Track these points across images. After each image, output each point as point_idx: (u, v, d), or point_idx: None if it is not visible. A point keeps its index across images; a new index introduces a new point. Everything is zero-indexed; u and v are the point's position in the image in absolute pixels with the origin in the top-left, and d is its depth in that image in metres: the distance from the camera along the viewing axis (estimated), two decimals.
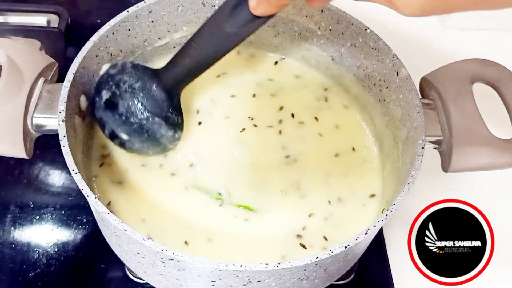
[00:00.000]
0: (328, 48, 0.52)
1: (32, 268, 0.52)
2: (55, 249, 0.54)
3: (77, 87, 0.44)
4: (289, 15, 0.52)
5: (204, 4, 0.51)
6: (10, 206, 0.56)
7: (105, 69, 0.46)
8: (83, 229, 0.55)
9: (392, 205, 0.38)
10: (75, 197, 0.56)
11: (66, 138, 0.39)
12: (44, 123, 0.43)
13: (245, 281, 0.37)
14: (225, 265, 0.34)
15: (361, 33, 0.48)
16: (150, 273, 0.42)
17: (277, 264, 0.35)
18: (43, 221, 0.55)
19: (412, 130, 0.44)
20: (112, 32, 0.47)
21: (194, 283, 0.39)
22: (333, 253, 0.36)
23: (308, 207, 0.46)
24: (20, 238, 0.54)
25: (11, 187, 0.57)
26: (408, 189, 0.39)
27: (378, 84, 0.49)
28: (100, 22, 0.46)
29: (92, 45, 0.45)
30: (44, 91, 0.44)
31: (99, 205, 0.37)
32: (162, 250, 0.35)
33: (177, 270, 0.38)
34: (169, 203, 0.45)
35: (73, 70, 0.43)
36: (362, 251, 0.46)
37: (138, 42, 0.50)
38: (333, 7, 0.49)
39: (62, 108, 0.41)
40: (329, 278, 0.44)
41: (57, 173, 0.58)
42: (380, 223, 0.38)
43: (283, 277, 0.38)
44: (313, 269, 0.38)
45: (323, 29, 0.51)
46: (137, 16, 0.48)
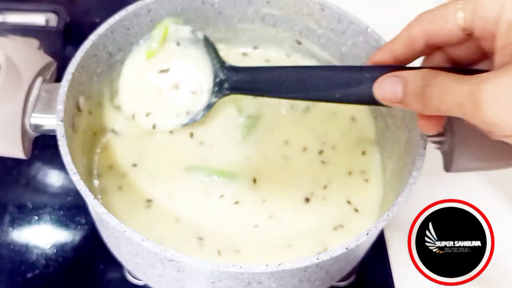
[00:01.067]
0: (329, 47, 0.52)
1: (30, 269, 0.52)
2: (54, 250, 0.53)
3: (75, 87, 0.44)
4: (290, 14, 0.51)
5: (203, 3, 0.51)
6: (8, 207, 0.56)
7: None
8: (82, 229, 0.55)
9: (393, 206, 0.38)
10: (74, 197, 0.56)
11: (64, 138, 0.39)
12: (42, 123, 0.43)
13: (245, 283, 0.37)
14: (225, 267, 0.34)
15: (362, 32, 0.48)
16: (149, 274, 0.42)
17: (278, 265, 0.35)
18: (41, 221, 0.55)
19: (414, 130, 0.43)
20: (111, 31, 0.47)
21: (193, 285, 0.39)
22: (334, 254, 0.35)
23: None
24: (19, 238, 0.54)
25: (9, 187, 0.57)
26: (410, 190, 0.39)
27: None
28: (99, 21, 0.46)
29: (91, 44, 0.45)
30: (42, 90, 0.44)
31: (97, 206, 0.36)
32: (161, 251, 0.34)
33: (176, 271, 0.38)
34: (172, 206, 0.45)
35: (71, 69, 0.43)
36: (363, 252, 0.45)
37: (137, 41, 0.50)
38: (333, 6, 0.49)
39: (60, 107, 0.41)
40: (330, 280, 0.44)
41: (56, 173, 0.58)
42: (381, 224, 0.37)
43: (284, 279, 0.37)
44: (314, 270, 0.38)
45: (324, 28, 0.51)
46: (136, 15, 0.48)
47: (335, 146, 0.50)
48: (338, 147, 0.50)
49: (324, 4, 0.49)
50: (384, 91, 0.35)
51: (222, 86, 0.45)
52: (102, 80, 0.48)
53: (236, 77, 0.44)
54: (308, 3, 0.50)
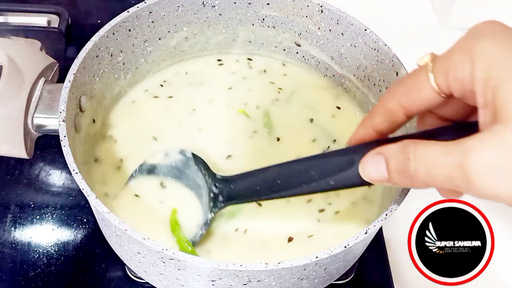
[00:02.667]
0: (327, 48, 0.52)
1: (32, 268, 0.52)
2: (56, 249, 0.54)
3: (77, 87, 0.44)
4: (289, 16, 0.52)
5: (204, 5, 0.51)
6: (11, 206, 0.56)
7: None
8: (84, 228, 0.55)
9: (392, 205, 0.38)
10: (76, 197, 0.57)
11: (66, 138, 0.39)
12: (44, 123, 0.43)
13: (245, 281, 0.37)
14: (225, 265, 0.35)
15: (361, 33, 0.48)
16: (150, 272, 0.42)
17: (277, 263, 0.35)
18: (43, 221, 0.55)
19: (413, 129, 0.44)
20: (112, 32, 0.47)
21: (194, 283, 0.40)
22: (332, 253, 0.36)
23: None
24: (21, 238, 0.54)
25: (11, 187, 0.57)
26: (409, 189, 0.39)
27: (378, 84, 0.49)
28: (101, 22, 0.46)
29: (93, 45, 0.45)
30: (44, 91, 0.44)
31: (99, 205, 0.37)
32: (162, 249, 0.35)
33: (177, 270, 0.38)
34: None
35: (73, 70, 0.43)
36: (361, 250, 0.46)
37: (138, 42, 0.50)
38: (332, 8, 0.49)
39: (62, 108, 0.41)
40: (329, 278, 0.44)
41: (58, 173, 0.59)
42: (379, 222, 0.38)
43: (283, 277, 0.38)
44: (313, 268, 0.38)
45: (323, 29, 0.51)
46: (137, 17, 0.48)
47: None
48: (339, 147, 0.50)
49: (323, 5, 0.49)
50: (369, 173, 0.33)
51: (216, 200, 0.43)
52: (104, 81, 0.49)
53: (229, 187, 0.42)
54: (307, 5, 0.50)
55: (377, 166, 0.32)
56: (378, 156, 0.32)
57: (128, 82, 0.52)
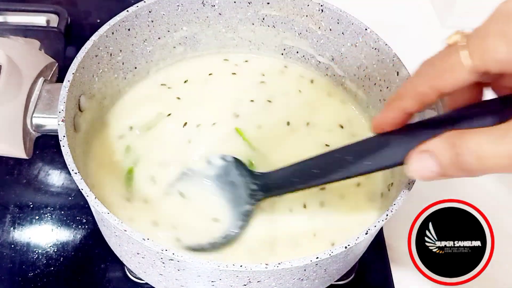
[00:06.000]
0: (328, 48, 0.52)
1: (31, 269, 0.52)
2: (55, 249, 0.53)
3: (77, 87, 0.44)
4: (289, 15, 0.52)
5: (204, 4, 0.51)
6: (10, 206, 0.56)
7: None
8: (83, 229, 0.55)
9: (392, 205, 0.38)
10: (75, 197, 0.56)
11: (66, 138, 0.39)
12: (43, 123, 0.43)
13: (245, 281, 0.37)
14: (225, 266, 0.34)
15: (361, 33, 0.48)
16: (150, 273, 0.42)
17: (277, 264, 0.35)
18: (42, 221, 0.55)
19: None
20: (111, 32, 0.47)
21: (194, 283, 0.39)
22: (333, 253, 0.35)
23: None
24: (20, 238, 0.54)
25: (10, 187, 0.57)
26: (409, 189, 0.39)
27: (378, 84, 0.49)
28: (100, 21, 0.47)
29: (92, 44, 0.45)
30: (43, 91, 0.44)
31: (99, 205, 0.37)
32: (162, 250, 0.35)
33: (177, 270, 0.38)
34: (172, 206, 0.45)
35: (73, 70, 0.43)
36: (362, 251, 0.46)
37: (137, 41, 0.50)
38: (333, 7, 0.49)
39: (62, 108, 0.41)
40: (329, 279, 0.44)
41: (57, 173, 0.58)
42: (380, 223, 0.38)
43: (283, 277, 0.38)
44: (313, 269, 0.38)
45: (323, 28, 0.51)
46: (136, 16, 0.48)
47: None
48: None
49: (324, 5, 0.49)
50: (420, 172, 0.33)
51: (255, 194, 0.44)
52: (103, 81, 0.49)
53: (267, 180, 0.44)
54: (307, 4, 0.50)
55: (425, 165, 0.32)
56: (424, 154, 0.32)
57: (128, 81, 0.52)
